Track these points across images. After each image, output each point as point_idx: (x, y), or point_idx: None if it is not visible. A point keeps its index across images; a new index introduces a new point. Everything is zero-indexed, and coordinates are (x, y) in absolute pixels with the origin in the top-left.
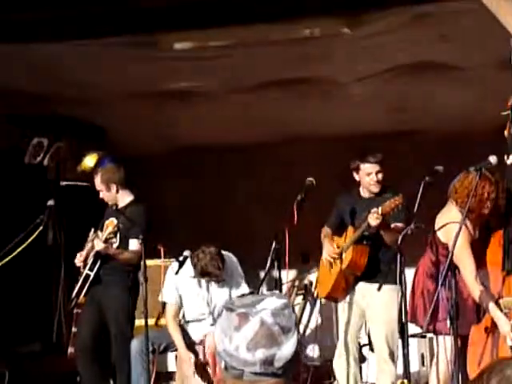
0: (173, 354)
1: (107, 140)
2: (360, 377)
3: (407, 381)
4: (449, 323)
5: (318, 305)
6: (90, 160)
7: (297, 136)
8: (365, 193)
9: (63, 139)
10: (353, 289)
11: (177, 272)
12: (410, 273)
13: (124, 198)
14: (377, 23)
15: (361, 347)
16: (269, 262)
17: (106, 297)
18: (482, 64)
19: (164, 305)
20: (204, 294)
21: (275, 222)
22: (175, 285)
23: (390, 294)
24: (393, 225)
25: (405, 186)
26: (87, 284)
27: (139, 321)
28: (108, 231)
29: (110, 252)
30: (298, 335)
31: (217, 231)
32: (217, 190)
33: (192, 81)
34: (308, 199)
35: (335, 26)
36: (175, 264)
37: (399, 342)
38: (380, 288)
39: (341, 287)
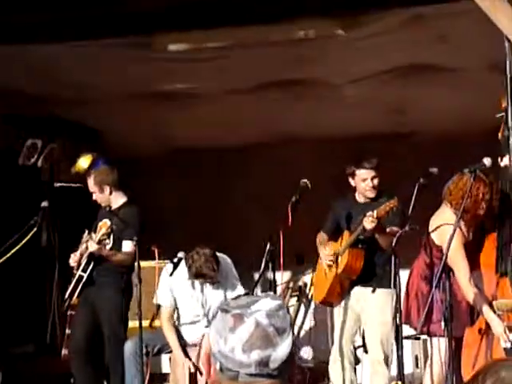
0: (167, 356)
1: (102, 141)
2: (356, 381)
3: (401, 383)
4: (443, 325)
5: (312, 306)
6: (84, 161)
7: (294, 137)
8: (360, 198)
9: (57, 140)
10: (348, 293)
11: (171, 274)
12: (405, 275)
13: (117, 200)
14: (371, 25)
15: (355, 349)
16: (263, 264)
17: (100, 298)
18: (478, 65)
19: (158, 307)
20: (198, 296)
21: (272, 223)
22: (170, 287)
23: (385, 298)
24: (388, 229)
25: (403, 188)
26: (80, 285)
27: (133, 322)
28: (101, 232)
29: (104, 253)
30: (293, 336)
31: (213, 232)
32: (214, 191)
33: (188, 82)
34: (303, 201)
35: (330, 28)
36: (170, 266)
37: (394, 346)
38: (374, 291)
39: (336, 292)
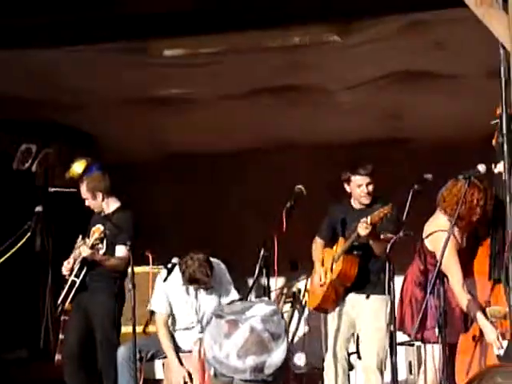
0: (160, 362)
1: (97, 146)
2: None
3: None
4: (437, 331)
5: (306, 313)
6: (79, 166)
7: (289, 143)
8: (356, 204)
9: (52, 145)
10: (343, 300)
11: (165, 279)
12: (399, 281)
13: (110, 205)
14: (367, 31)
15: (349, 355)
16: (257, 270)
17: (93, 303)
18: (475, 72)
19: (152, 313)
20: (193, 302)
21: (267, 229)
22: (165, 293)
23: (379, 304)
24: (382, 235)
25: (398, 194)
26: (73, 290)
27: (126, 328)
28: (94, 237)
29: (97, 258)
30: (288, 342)
31: (208, 238)
32: (209, 197)
33: (183, 87)
34: (298, 207)
35: (325, 34)
36: (164, 272)
37: (387, 353)
38: (368, 297)
39: (331, 299)
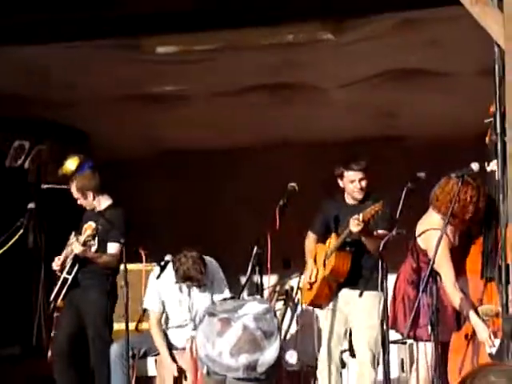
0: (153, 359)
1: (90, 143)
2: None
3: None
4: (429, 329)
5: (299, 310)
6: (72, 163)
7: (283, 141)
8: (349, 199)
9: (45, 142)
10: (336, 296)
11: (158, 276)
12: (392, 279)
13: (102, 203)
14: (361, 29)
15: (341, 353)
16: (250, 267)
17: (84, 300)
18: (470, 70)
19: (145, 310)
20: (186, 300)
21: (260, 227)
22: (157, 290)
23: (372, 300)
24: (375, 232)
25: (393, 192)
26: (65, 288)
27: (118, 325)
28: (86, 234)
29: (89, 255)
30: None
31: (202, 235)
32: (202, 193)
33: (177, 84)
34: (290, 204)
35: (319, 32)
36: (157, 269)
37: (380, 350)
38: (361, 294)
39: (324, 294)
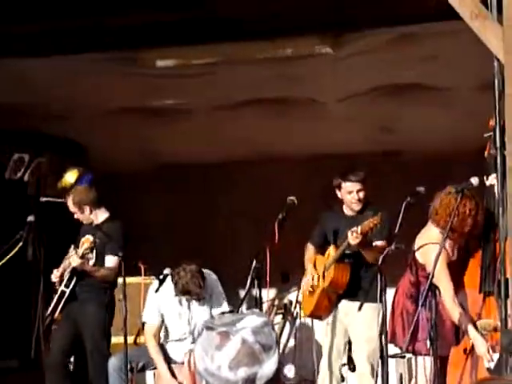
0: (151, 373)
1: (88, 156)
2: None
3: None
4: (428, 344)
5: (298, 324)
6: (71, 176)
7: (281, 154)
8: (347, 211)
9: (44, 155)
10: (336, 307)
11: (156, 290)
12: (390, 293)
13: (99, 216)
14: (360, 43)
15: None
16: (249, 281)
17: (82, 314)
18: (468, 85)
19: (143, 323)
20: (185, 313)
21: (259, 240)
22: (157, 304)
23: (371, 312)
24: (373, 243)
25: (390, 207)
26: (63, 301)
27: (117, 338)
28: (84, 247)
29: (87, 268)
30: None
31: (200, 248)
32: (200, 207)
33: (176, 98)
34: (289, 218)
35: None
36: (156, 282)
37: (379, 362)
38: (360, 308)
39: (324, 305)
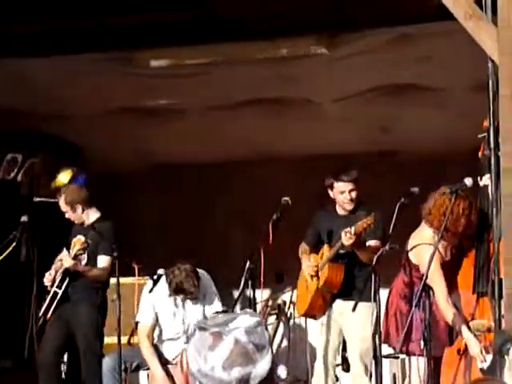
0: (145, 373)
1: (82, 156)
2: None
3: None
4: (422, 344)
5: (291, 325)
6: (65, 176)
7: (276, 155)
8: (340, 210)
9: (38, 155)
10: (330, 306)
11: (150, 290)
12: (384, 293)
13: (90, 216)
14: (355, 44)
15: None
16: (243, 282)
17: (75, 314)
18: (463, 85)
19: (137, 323)
20: (180, 313)
21: (253, 241)
22: (151, 303)
23: (365, 312)
24: (367, 243)
25: (385, 207)
26: (55, 302)
27: (110, 338)
28: (76, 248)
29: (79, 269)
30: (272, 354)
31: (194, 248)
32: (195, 207)
33: (170, 98)
34: (284, 219)
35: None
36: (150, 282)
37: (372, 363)
38: (355, 308)
39: (318, 305)
